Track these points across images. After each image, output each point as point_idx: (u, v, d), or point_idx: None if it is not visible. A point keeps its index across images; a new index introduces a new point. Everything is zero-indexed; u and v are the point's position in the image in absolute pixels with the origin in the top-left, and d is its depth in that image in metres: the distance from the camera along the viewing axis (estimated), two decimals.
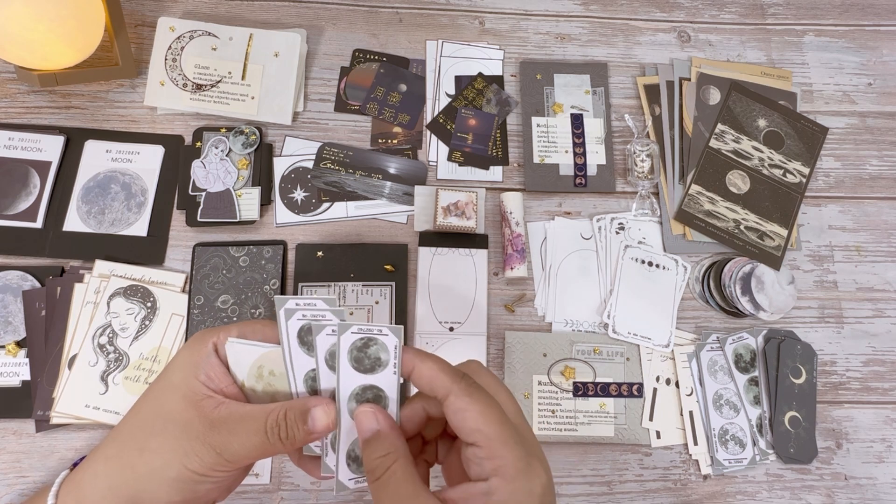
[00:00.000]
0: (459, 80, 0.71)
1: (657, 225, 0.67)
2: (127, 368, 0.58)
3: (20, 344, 0.59)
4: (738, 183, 0.69)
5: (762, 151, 0.70)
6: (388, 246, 0.64)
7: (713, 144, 0.70)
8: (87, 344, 0.58)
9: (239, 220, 0.63)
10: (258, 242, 0.63)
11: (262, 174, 0.65)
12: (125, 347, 0.58)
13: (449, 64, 0.72)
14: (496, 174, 0.68)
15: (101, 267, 0.61)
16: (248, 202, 0.64)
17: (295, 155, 0.67)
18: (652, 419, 0.61)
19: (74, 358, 0.57)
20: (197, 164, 0.65)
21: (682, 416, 0.61)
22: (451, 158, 0.68)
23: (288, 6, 0.73)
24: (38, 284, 0.60)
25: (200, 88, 0.67)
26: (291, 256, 0.64)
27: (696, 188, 0.68)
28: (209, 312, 0.60)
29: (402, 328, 0.36)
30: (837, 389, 0.64)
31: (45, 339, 0.58)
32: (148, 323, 0.59)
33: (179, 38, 0.68)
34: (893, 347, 0.66)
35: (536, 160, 0.68)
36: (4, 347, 0.58)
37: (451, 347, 0.61)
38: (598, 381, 0.61)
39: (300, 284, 0.62)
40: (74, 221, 0.63)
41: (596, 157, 0.69)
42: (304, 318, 0.36)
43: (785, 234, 0.67)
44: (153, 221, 0.63)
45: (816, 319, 0.66)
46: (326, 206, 0.65)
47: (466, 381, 0.35)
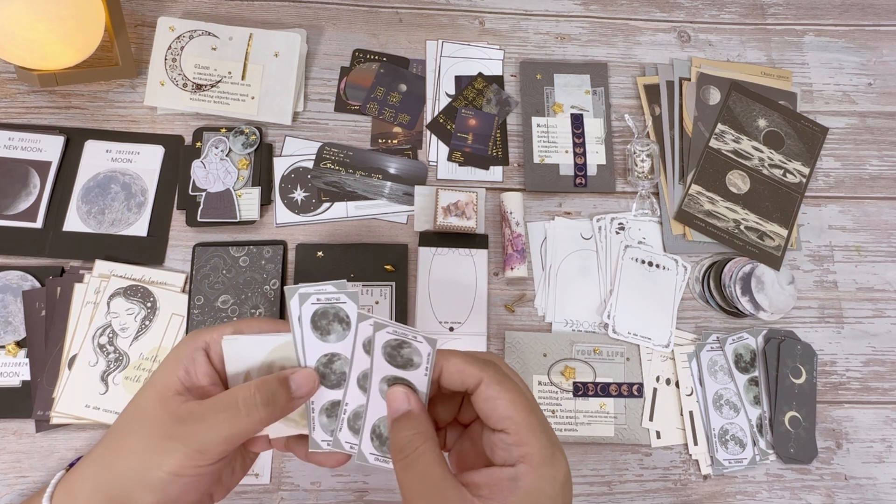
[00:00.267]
0: (459, 80, 0.71)
1: (657, 225, 0.67)
2: (127, 368, 0.58)
3: (20, 344, 0.59)
4: (738, 183, 0.69)
5: (762, 151, 0.70)
6: (388, 246, 0.64)
7: (713, 144, 0.70)
8: (87, 344, 0.58)
9: (239, 220, 0.63)
10: (258, 242, 0.63)
11: (262, 174, 0.65)
12: (125, 347, 0.58)
13: (449, 64, 0.72)
14: (496, 174, 0.68)
15: (101, 267, 0.61)
16: (248, 202, 0.64)
17: (295, 155, 0.67)
18: (652, 419, 0.61)
19: (74, 358, 0.57)
20: (197, 164, 0.65)
21: (682, 416, 0.61)
22: (451, 158, 0.68)
23: (288, 6, 0.73)
24: (38, 284, 0.60)
25: (200, 88, 0.67)
26: (291, 256, 0.64)
27: (696, 188, 0.68)
28: (209, 312, 0.60)
29: (437, 340, 0.37)
30: (837, 389, 0.64)
31: (45, 339, 0.58)
32: (148, 323, 0.59)
33: (179, 37, 0.68)
34: (893, 347, 0.66)
35: (536, 160, 0.68)
36: (4, 347, 0.58)
37: (451, 347, 0.61)
38: (598, 381, 0.61)
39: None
40: (74, 221, 0.63)
41: (596, 157, 0.69)
42: (318, 301, 0.37)
43: (785, 234, 0.67)
44: (153, 221, 0.63)
45: (816, 319, 0.66)
46: (326, 206, 0.65)
47: (495, 369, 0.36)
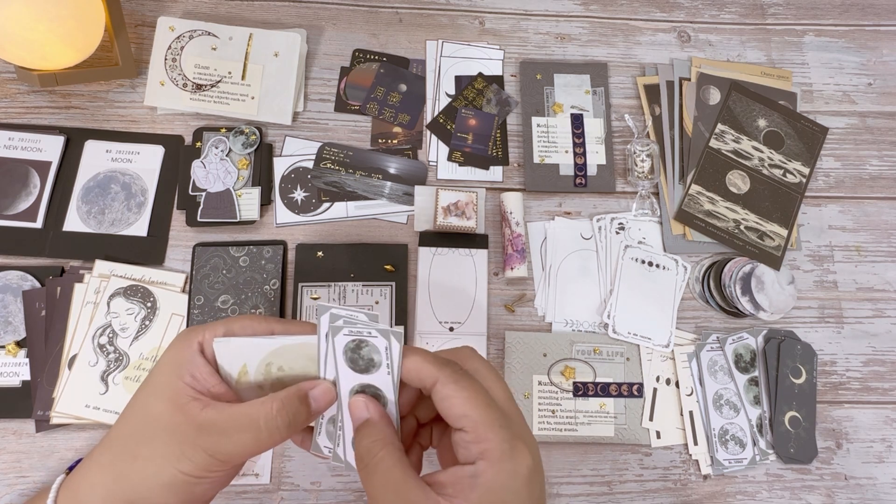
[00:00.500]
0: (459, 80, 0.71)
1: (657, 225, 0.67)
2: (127, 368, 0.58)
3: (20, 344, 0.59)
4: (738, 183, 0.69)
5: (762, 151, 0.70)
6: (388, 246, 0.64)
7: (713, 144, 0.70)
8: (87, 344, 0.58)
9: (239, 220, 0.63)
10: (258, 242, 0.63)
11: (262, 174, 0.65)
12: (125, 347, 0.58)
13: (449, 64, 0.72)
14: (496, 174, 0.68)
15: (101, 267, 0.61)
16: (248, 202, 0.64)
17: (295, 155, 0.67)
18: (652, 419, 0.61)
19: (74, 358, 0.57)
20: (197, 164, 0.65)
21: (682, 416, 0.61)
22: (451, 158, 0.68)
23: (288, 6, 0.73)
24: (38, 284, 0.60)
25: (200, 88, 0.67)
26: (291, 256, 0.64)
27: (696, 188, 0.68)
28: (209, 312, 0.60)
29: (399, 330, 0.35)
30: (837, 389, 0.64)
31: (45, 339, 0.58)
32: (148, 323, 0.59)
33: (179, 37, 0.68)
34: (893, 347, 0.66)
35: (536, 160, 0.68)
36: (4, 347, 0.58)
37: (451, 347, 0.61)
38: (598, 381, 0.61)
39: (300, 284, 0.62)
40: (74, 221, 0.62)
41: (596, 157, 0.69)
42: (350, 334, 0.36)
43: (785, 234, 0.67)
44: (153, 221, 0.63)
45: (816, 319, 0.66)
46: (326, 206, 0.65)
47: (452, 367, 0.36)
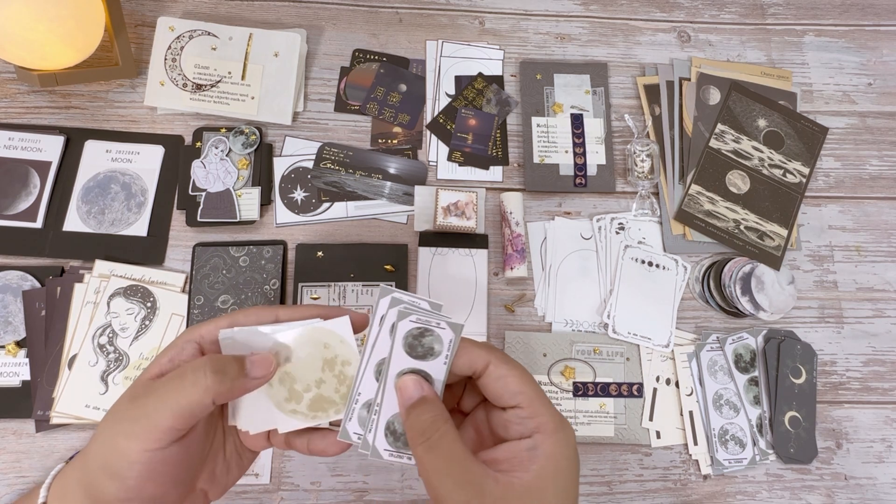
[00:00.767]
0: (459, 80, 0.71)
1: (657, 225, 0.67)
2: (127, 368, 0.58)
3: (20, 344, 0.59)
4: (738, 183, 0.69)
5: (762, 151, 0.70)
6: (388, 246, 0.64)
7: (713, 144, 0.70)
8: (87, 344, 0.58)
9: (239, 220, 0.63)
10: (258, 242, 0.63)
11: (262, 174, 0.65)
12: (125, 347, 0.58)
13: (449, 64, 0.72)
14: (496, 174, 0.68)
15: (101, 267, 0.61)
16: (248, 202, 0.64)
17: (295, 155, 0.67)
18: (652, 419, 0.61)
19: (74, 358, 0.57)
20: (197, 164, 0.65)
21: (682, 416, 0.61)
22: (451, 158, 0.68)
23: (288, 6, 0.73)
24: (38, 284, 0.60)
25: (200, 88, 0.67)
26: (291, 256, 0.64)
27: (696, 188, 0.68)
28: (209, 312, 0.60)
29: (462, 326, 0.38)
30: (837, 389, 0.64)
31: (45, 339, 0.58)
32: (148, 323, 0.59)
33: (179, 37, 0.68)
34: (893, 347, 0.66)
35: (536, 160, 0.68)
36: (4, 347, 0.58)
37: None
38: (598, 381, 0.61)
39: (300, 284, 0.62)
40: (74, 221, 0.62)
41: (596, 157, 0.69)
42: (416, 321, 0.38)
43: (785, 234, 0.67)
44: (153, 221, 0.63)
45: (816, 319, 0.66)
46: (326, 206, 0.65)
47: (500, 351, 0.38)
